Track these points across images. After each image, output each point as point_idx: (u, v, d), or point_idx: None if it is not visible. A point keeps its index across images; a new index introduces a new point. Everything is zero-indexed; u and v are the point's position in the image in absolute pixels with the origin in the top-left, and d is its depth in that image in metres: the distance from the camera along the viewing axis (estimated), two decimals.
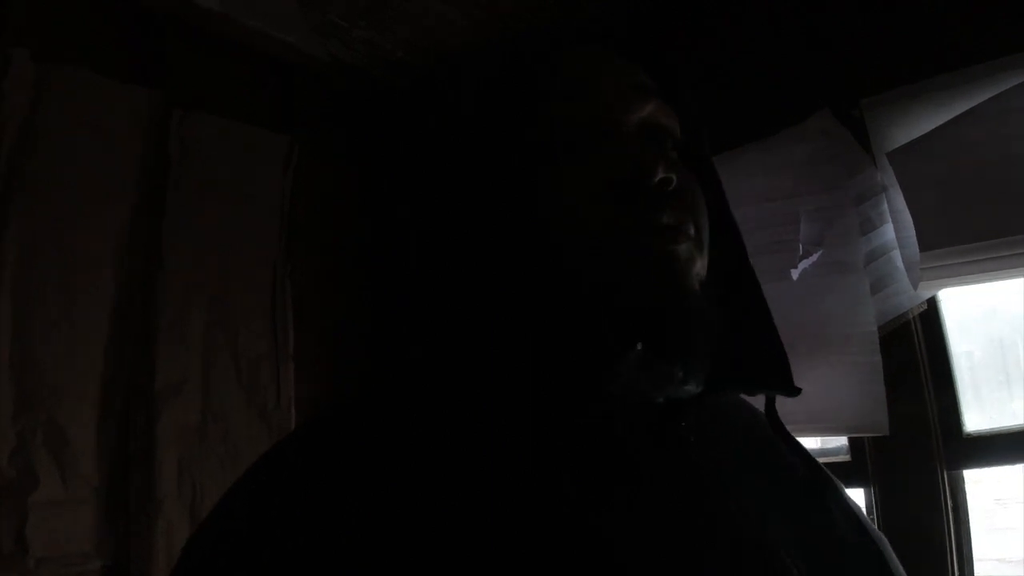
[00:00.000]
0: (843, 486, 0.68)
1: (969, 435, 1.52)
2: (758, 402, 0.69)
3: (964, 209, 1.47)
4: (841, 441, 1.69)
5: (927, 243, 1.50)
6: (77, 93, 1.59)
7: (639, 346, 0.55)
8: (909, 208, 1.51)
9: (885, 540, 0.64)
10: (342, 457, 0.52)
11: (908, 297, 1.57)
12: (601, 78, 0.61)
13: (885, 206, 1.59)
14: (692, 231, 0.58)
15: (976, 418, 1.54)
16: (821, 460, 0.68)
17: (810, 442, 1.69)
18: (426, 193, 0.68)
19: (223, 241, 1.76)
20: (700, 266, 0.59)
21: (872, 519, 1.52)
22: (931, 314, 1.58)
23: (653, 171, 0.55)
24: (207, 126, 1.75)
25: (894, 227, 1.58)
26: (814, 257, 1.64)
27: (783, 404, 0.66)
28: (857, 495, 1.59)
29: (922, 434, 1.54)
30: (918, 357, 1.58)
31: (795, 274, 1.64)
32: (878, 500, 1.58)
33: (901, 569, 0.63)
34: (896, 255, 1.58)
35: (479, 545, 0.47)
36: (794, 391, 0.65)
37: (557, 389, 0.56)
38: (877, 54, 1.61)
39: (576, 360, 0.56)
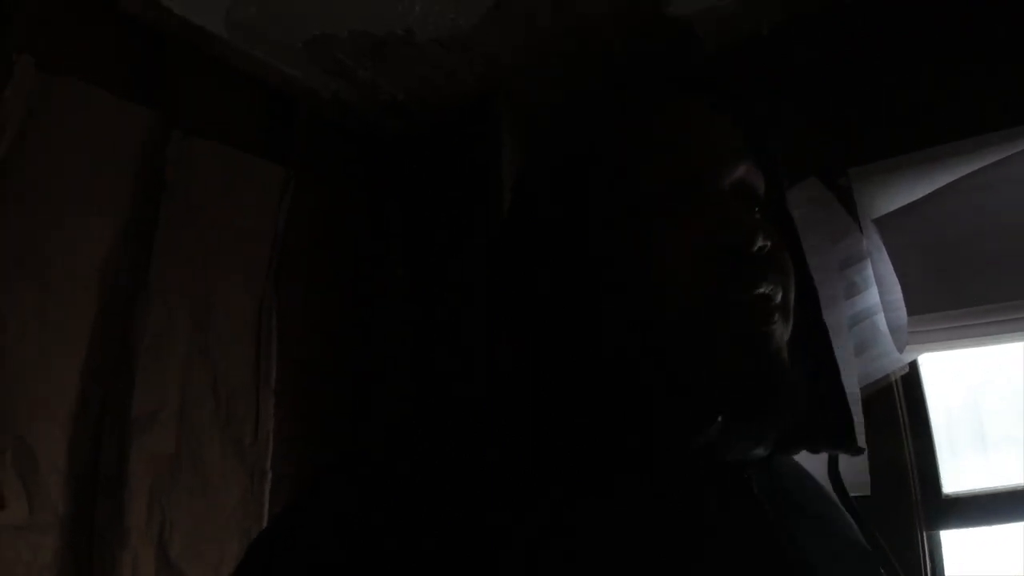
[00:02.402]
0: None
1: (948, 496, 1.56)
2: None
3: (948, 276, 1.54)
4: None
5: (912, 308, 1.56)
6: (78, 105, 1.56)
7: (719, 418, 0.55)
8: (897, 273, 1.57)
9: None
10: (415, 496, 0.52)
11: (891, 360, 1.61)
12: (701, 136, 0.61)
13: (870, 271, 1.65)
14: (781, 298, 0.57)
15: (952, 479, 1.58)
16: None
17: None
18: (510, 239, 0.67)
19: (211, 268, 1.72)
20: (786, 334, 0.59)
21: None
22: (911, 377, 1.63)
23: (754, 238, 0.55)
24: (205, 150, 1.72)
25: (878, 291, 1.64)
26: None
27: None
28: None
29: (902, 494, 1.58)
30: (899, 419, 1.62)
31: None
32: None
33: None
34: (880, 319, 1.63)
35: None
36: (857, 450, 0.65)
37: (632, 447, 0.56)
38: (865, 126, 1.69)
39: (656, 423, 0.56)
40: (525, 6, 1.71)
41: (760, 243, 0.55)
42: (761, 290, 0.55)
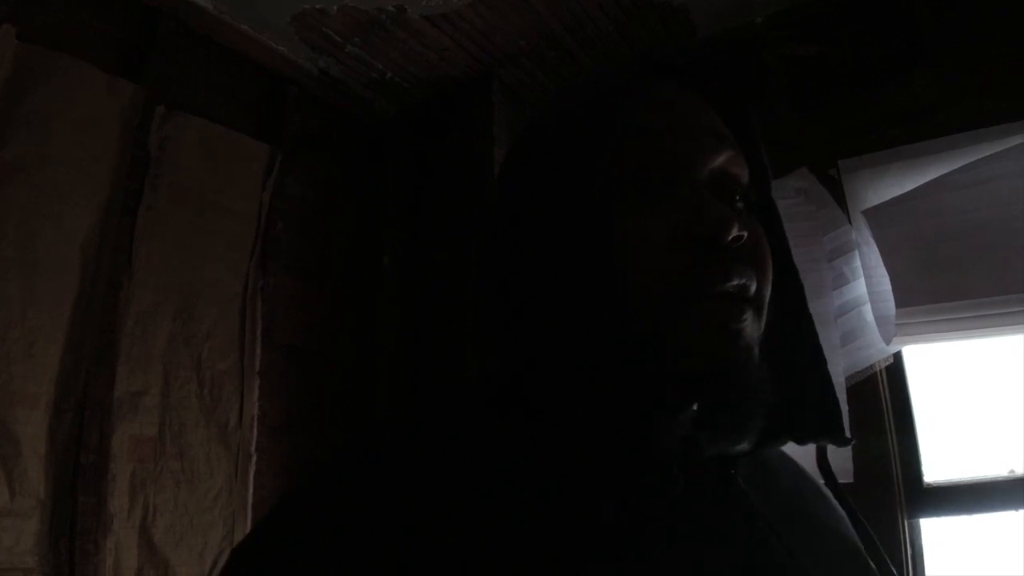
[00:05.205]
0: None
1: (929, 485, 1.59)
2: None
3: (935, 269, 1.56)
4: None
5: (898, 300, 1.58)
6: (61, 78, 1.51)
7: (694, 407, 0.54)
8: (885, 265, 1.59)
9: None
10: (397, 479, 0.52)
11: (876, 350, 1.64)
12: (681, 122, 0.59)
13: (858, 262, 1.67)
14: (754, 290, 0.56)
15: (933, 469, 1.62)
16: None
17: None
18: (493, 224, 0.65)
19: (196, 249, 1.68)
20: (758, 329, 0.58)
21: None
22: (896, 367, 1.66)
23: (728, 229, 0.53)
24: (190, 127, 1.68)
25: (866, 283, 1.66)
26: None
27: None
28: None
29: (884, 482, 1.61)
30: (883, 408, 1.64)
31: None
32: None
33: None
34: (866, 309, 1.65)
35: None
36: (845, 441, 0.63)
37: (608, 434, 0.55)
38: (856, 119, 1.70)
39: (629, 410, 0.55)
40: None
41: (734, 233, 0.53)
42: (733, 282, 0.54)
